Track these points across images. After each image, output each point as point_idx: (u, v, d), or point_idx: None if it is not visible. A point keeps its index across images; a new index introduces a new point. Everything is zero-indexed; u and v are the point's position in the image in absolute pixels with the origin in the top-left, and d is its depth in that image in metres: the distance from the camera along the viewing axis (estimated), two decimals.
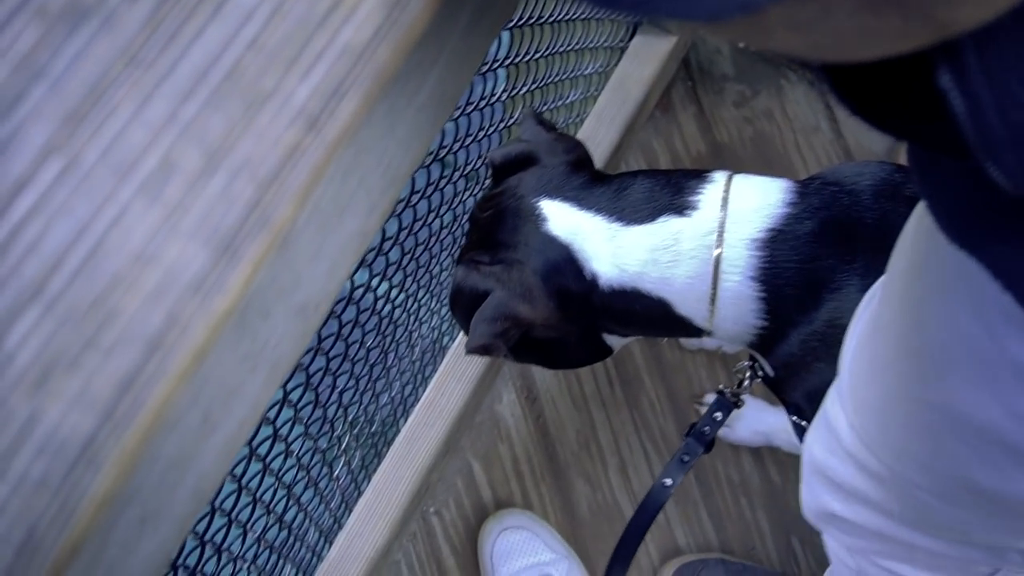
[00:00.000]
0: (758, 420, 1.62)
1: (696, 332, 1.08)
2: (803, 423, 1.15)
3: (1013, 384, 0.52)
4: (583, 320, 1.09)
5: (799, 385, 1.09)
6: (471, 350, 1.04)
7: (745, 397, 1.35)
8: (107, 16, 0.34)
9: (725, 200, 1.03)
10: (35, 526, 0.32)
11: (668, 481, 1.31)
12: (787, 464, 1.68)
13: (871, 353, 0.66)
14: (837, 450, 0.75)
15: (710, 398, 1.68)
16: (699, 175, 1.07)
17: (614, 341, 1.16)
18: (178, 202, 0.35)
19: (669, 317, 1.05)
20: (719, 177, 1.06)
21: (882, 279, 0.79)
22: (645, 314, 1.06)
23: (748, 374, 1.26)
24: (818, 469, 0.81)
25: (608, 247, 1.04)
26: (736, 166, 1.82)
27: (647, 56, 1.58)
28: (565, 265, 1.05)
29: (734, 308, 1.03)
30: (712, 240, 1.01)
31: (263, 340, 0.40)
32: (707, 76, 1.86)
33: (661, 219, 1.03)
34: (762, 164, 1.82)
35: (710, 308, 1.03)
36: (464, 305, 1.08)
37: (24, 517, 0.32)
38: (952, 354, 0.55)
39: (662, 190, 1.06)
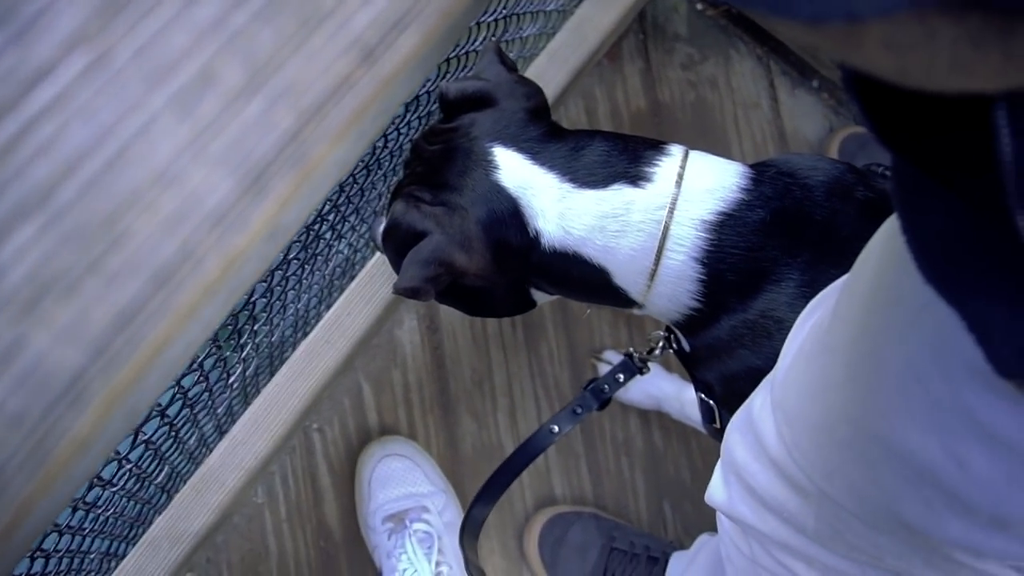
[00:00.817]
0: (652, 384, 1.63)
1: (626, 304, 1.06)
2: (709, 401, 1.15)
3: (962, 433, 0.52)
4: (515, 274, 1.06)
5: (716, 367, 1.09)
6: (399, 291, 1.01)
7: (651, 365, 1.35)
8: None
9: (680, 176, 1.01)
10: (4, 464, 0.28)
11: (555, 428, 1.30)
12: (671, 430, 1.70)
13: (816, 370, 0.65)
14: (760, 456, 0.75)
15: (609, 355, 1.69)
16: (657, 145, 1.04)
17: (540, 297, 1.14)
18: (211, 120, 0.31)
19: (605, 286, 1.03)
20: (676, 151, 1.04)
21: (831, 289, 0.78)
22: (581, 279, 1.03)
23: (661, 344, 1.25)
24: (736, 470, 0.81)
25: (557, 207, 1.01)
26: (672, 129, 1.81)
27: (610, 2, 1.54)
28: (510, 218, 1.01)
29: (672, 286, 1.01)
30: (662, 215, 0.99)
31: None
32: (660, 32, 1.83)
33: (614, 186, 1.00)
34: (698, 131, 1.81)
35: (648, 283, 1.02)
36: (398, 240, 1.04)
37: None
38: (906, 392, 0.54)
39: (619, 156, 1.03)
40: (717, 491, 0.87)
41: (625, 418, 1.69)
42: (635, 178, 1.01)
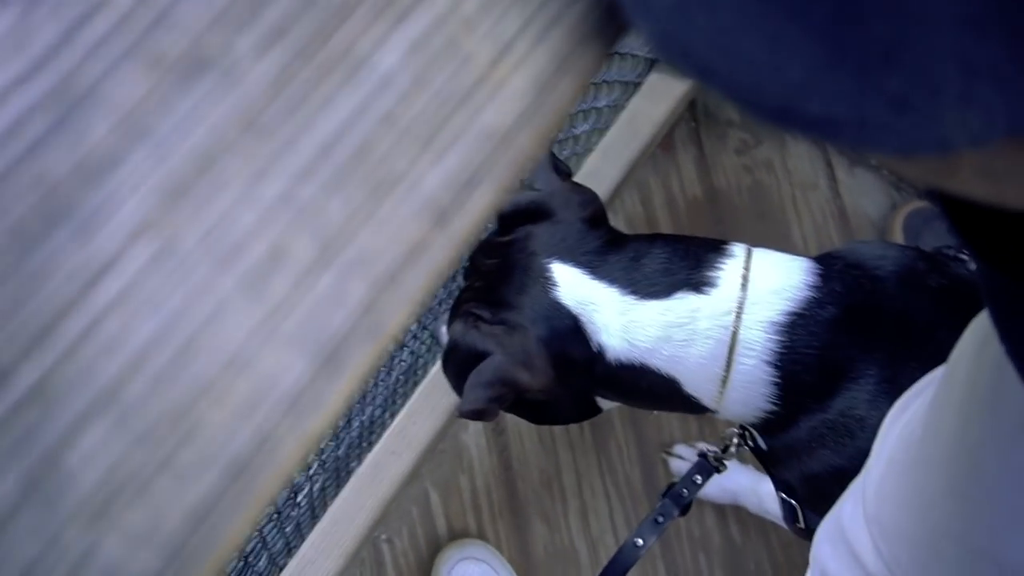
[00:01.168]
0: (728, 478, 1.58)
1: (700, 410, 1.03)
2: (791, 501, 1.11)
3: None
4: (580, 386, 1.04)
5: (796, 466, 1.05)
6: (464, 414, 0.99)
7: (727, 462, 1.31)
8: (228, 70, 0.28)
9: (745, 279, 0.99)
10: None
11: (639, 541, 1.26)
12: (749, 525, 1.64)
13: (912, 484, 0.62)
14: (854, 568, 0.71)
15: (680, 449, 1.65)
16: (718, 247, 1.02)
17: (605, 404, 1.11)
18: (282, 299, 0.29)
19: (675, 394, 1.01)
20: (739, 251, 1.01)
21: (916, 390, 0.74)
22: (650, 390, 1.01)
23: (736, 441, 1.21)
24: None
25: (619, 320, 0.98)
26: (731, 214, 1.79)
27: (661, 94, 1.54)
28: (571, 335, 0.99)
29: (745, 391, 0.98)
30: (729, 320, 0.96)
31: None
32: (712, 119, 1.83)
33: (678, 295, 0.98)
34: (756, 215, 1.78)
35: (720, 389, 0.99)
36: (459, 361, 1.02)
37: None
38: (1014, 508, 0.51)
39: (680, 262, 1.00)
40: None
41: (701, 513, 1.65)
42: (699, 284, 0.98)
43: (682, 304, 0.97)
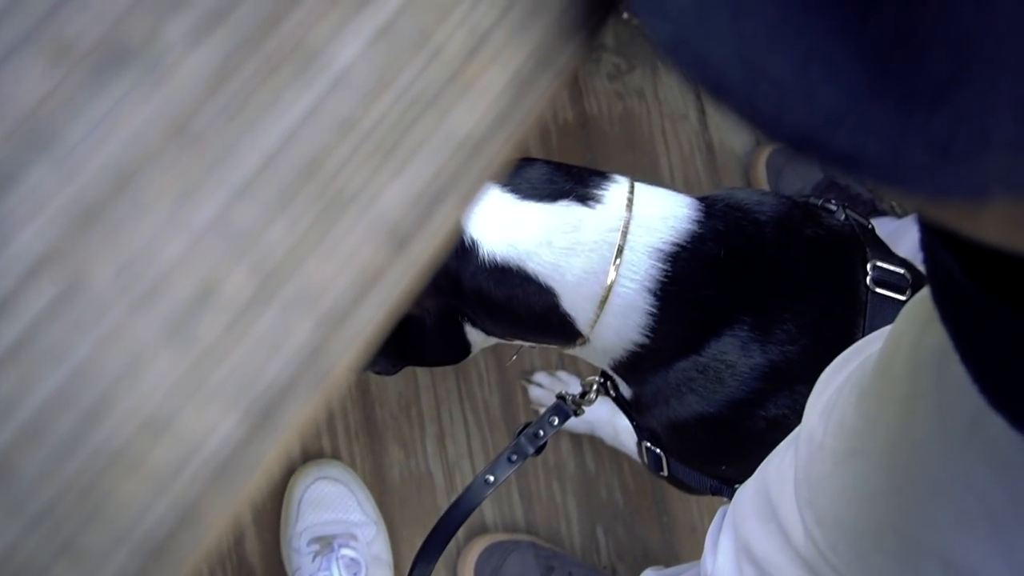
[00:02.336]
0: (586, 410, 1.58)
1: (569, 337, 1.00)
2: (656, 451, 1.11)
3: None
4: (447, 297, 0.98)
5: (664, 413, 1.04)
6: None
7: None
8: (153, 64, 0.22)
9: (630, 202, 0.96)
10: None
11: (491, 478, 1.23)
12: (603, 454, 1.66)
13: (849, 474, 0.61)
14: (785, 549, 0.70)
15: (540, 377, 1.64)
16: (600, 172, 0.99)
17: (475, 338, 1.06)
18: (212, 345, 0.24)
19: (550, 313, 0.96)
20: (622, 180, 0.99)
21: (835, 370, 0.73)
22: (525, 303, 0.96)
23: (596, 388, 1.20)
24: (755, 560, 0.76)
25: (496, 216, 0.93)
26: (601, 142, 1.77)
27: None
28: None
29: (621, 317, 0.96)
30: (614, 238, 0.93)
31: None
32: None
33: (562, 202, 0.94)
34: (626, 144, 1.77)
35: (597, 312, 0.96)
36: None
37: None
38: (963, 508, 0.50)
39: (563, 177, 0.97)
40: (722, 566, 0.82)
41: (556, 442, 1.65)
42: (584, 198, 0.95)
43: (567, 211, 0.94)
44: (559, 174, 0.97)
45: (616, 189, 0.97)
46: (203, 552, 0.25)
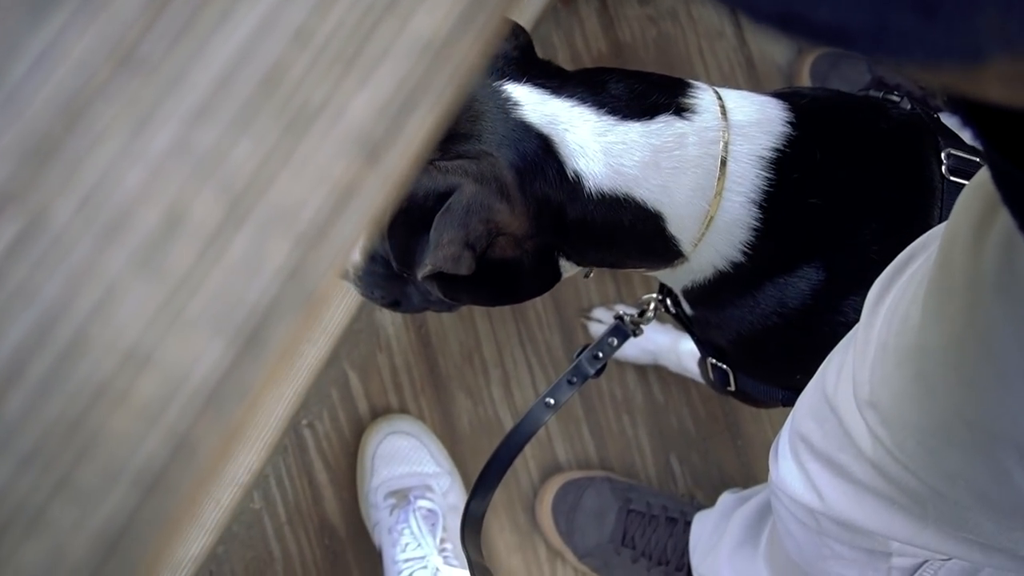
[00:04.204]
0: (647, 339, 1.57)
1: (668, 261, 0.94)
2: (723, 366, 1.08)
3: None
4: (548, 235, 0.90)
5: (733, 329, 1.00)
6: (436, 267, 0.83)
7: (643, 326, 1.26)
8: None
9: (723, 108, 0.89)
10: None
11: (551, 400, 1.21)
12: (670, 382, 1.65)
13: (912, 372, 0.60)
14: (847, 447, 0.69)
15: (599, 312, 1.63)
16: (678, 79, 0.92)
17: (567, 269, 0.98)
18: (187, 273, 0.24)
19: (655, 237, 0.90)
20: (702, 85, 0.92)
21: (897, 268, 0.71)
22: (631, 231, 0.89)
23: (653, 306, 1.17)
24: (816, 454, 0.75)
25: (598, 142, 0.86)
26: (638, 68, 1.74)
27: None
28: (543, 160, 0.85)
29: (725, 234, 0.90)
30: (717, 150, 0.87)
31: None
32: None
33: (661, 118, 0.86)
34: (663, 68, 1.73)
35: (702, 230, 0.90)
36: (414, 217, 0.85)
37: None
38: None
39: (650, 88, 0.89)
40: (792, 478, 0.81)
41: (622, 375, 1.64)
42: (680, 109, 0.87)
43: (668, 128, 0.86)
44: (645, 85, 0.90)
45: (704, 96, 0.90)
46: (202, 483, 0.24)
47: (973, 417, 0.55)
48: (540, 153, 0.85)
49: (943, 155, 0.94)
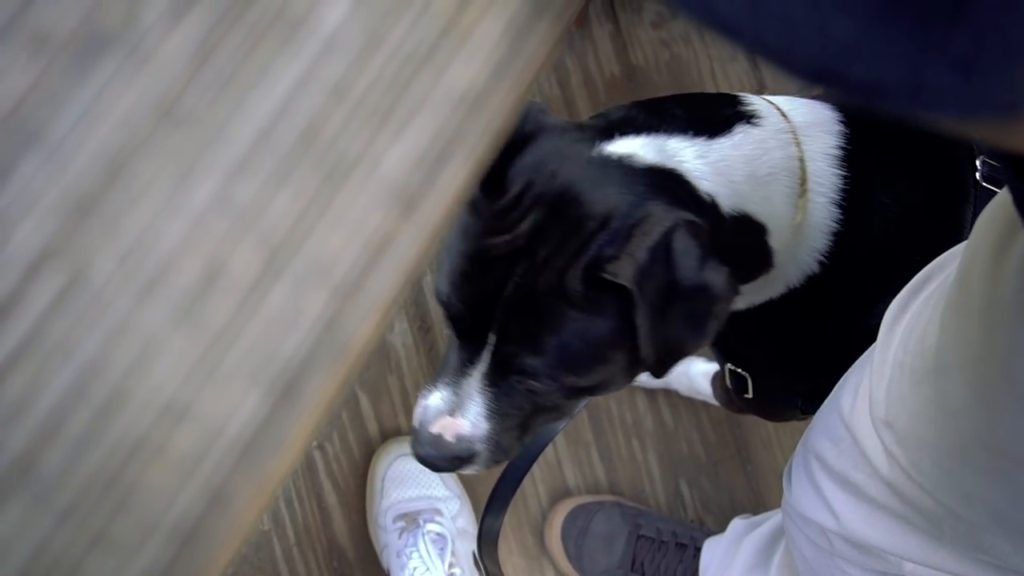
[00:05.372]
0: None
1: (757, 277, 0.88)
2: (741, 372, 1.06)
3: None
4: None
5: (760, 335, 0.99)
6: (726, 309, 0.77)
7: None
8: (134, 46, 0.22)
9: (781, 111, 0.86)
10: None
11: None
12: (680, 407, 1.64)
13: (929, 392, 0.60)
14: (862, 466, 0.69)
15: None
16: (722, 94, 0.89)
17: None
18: (224, 326, 0.24)
19: (762, 252, 0.85)
20: (746, 94, 0.89)
21: (914, 289, 0.71)
22: (745, 247, 0.83)
23: None
24: (830, 471, 0.74)
25: (706, 163, 0.80)
26: (651, 93, 1.73)
27: None
28: (682, 192, 0.79)
29: (808, 241, 0.85)
30: (794, 151, 0.83)
31: None
32: None
33: (738, 128, 0.82)
34: (678, 91, 1.73)
35: (792, 237, 0.85)
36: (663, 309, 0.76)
37: None
38: None
39: (709, 104, 0.86)
40: (806, 498, 0.80)
41: (632, 399, 1.64)
42: (748, 116, 0.83)
43: (747, 137, 0.82)
44: (703, 102, 0.87)
45: (758, 102, 0.87)
46: (236, 534, 0.24)
47: (990, 438, 0.55)
48: (676, 187, 0.80)
49: (979, 161, 0.91)
